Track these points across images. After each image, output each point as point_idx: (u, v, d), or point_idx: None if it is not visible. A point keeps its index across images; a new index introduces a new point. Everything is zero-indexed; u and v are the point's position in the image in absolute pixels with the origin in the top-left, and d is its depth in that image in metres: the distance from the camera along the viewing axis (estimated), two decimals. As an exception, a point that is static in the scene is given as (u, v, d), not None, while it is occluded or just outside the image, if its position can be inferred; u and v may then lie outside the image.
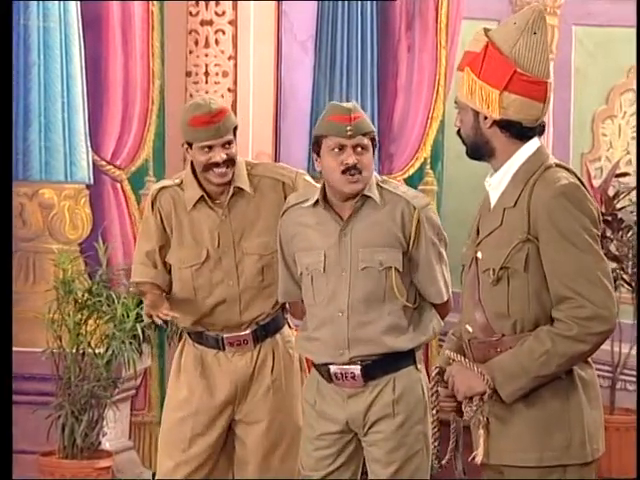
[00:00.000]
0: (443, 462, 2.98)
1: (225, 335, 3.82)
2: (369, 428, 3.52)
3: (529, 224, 2.85)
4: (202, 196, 3.80)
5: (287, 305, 3.91)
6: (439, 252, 3.51)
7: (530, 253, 2.85)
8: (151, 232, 3.86)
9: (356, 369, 3.48)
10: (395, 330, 3.48)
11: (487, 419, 2.88)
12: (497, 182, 2.94)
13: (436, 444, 2.99)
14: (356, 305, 3.47)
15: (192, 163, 3.83)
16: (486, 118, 2.89)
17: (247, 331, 3.82)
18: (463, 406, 2.91)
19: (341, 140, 3.45)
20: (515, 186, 2.91)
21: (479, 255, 2.92)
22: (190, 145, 3.77)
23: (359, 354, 3.47)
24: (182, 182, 3.85)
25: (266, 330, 3.85)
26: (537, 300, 2.87)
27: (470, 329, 2.94)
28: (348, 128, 3.44)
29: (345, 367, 3.48)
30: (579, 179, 2.93)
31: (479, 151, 2.94)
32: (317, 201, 3.52)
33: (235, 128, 3.80)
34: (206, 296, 3.81)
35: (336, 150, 3.46)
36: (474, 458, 2.90)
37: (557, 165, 2.93)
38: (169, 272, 3.87)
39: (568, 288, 2.81)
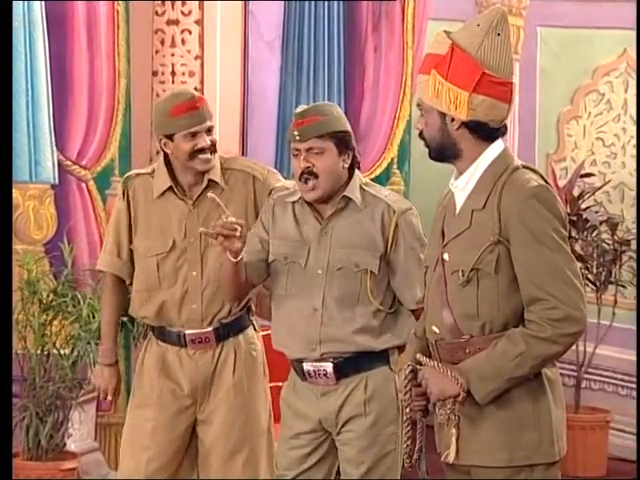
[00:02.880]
0: (413, 461, 2.99)
1: (187, 331, 3.81)
2: (341, 427, 3.52)
3: (500, 226, 2.86)
4: (170, 186, 3.80)
5: (253, 306, 3.91)
6: (418, 257, 3.47)
7: (501, 255, 2.87)
8: (121, 219, 3.86)
9: (328, 366, 3.48)
10: (367, 332, 3.48)
11: (459, 418, 2.89)
12: (464, 184, 2.94)
13: (408, 442, 2.99)
14: (330, 304, 3.47)
15: (165, 155, 3.82)
16: (453, 120, 2.89)
17: (209, 328, 3.81)
18: (437, 408, 2.92)
19: (295, 145, 3.46)
20: (483, 188, 2.92)
21: (446, 257, 2.93)
22: (170, 137, 3.76)
23: (330, 350, 3.47)
24: (153, 171, 3.86)
25: (229, 329, 3.84)
26: (506, 301, 2.88)
27: (437, 330, 2.94)
28: (296, 132, 3.44)
29: (317, 364, 3.49)
30: (545, 180, 2.96)
31: (445, 153, 2.94)
32: (300, 199, 3.53)
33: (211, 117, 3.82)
34: (170, 285, 3.80)
35: (294, 155, 3.47)
36: (446, 456, 2.91)
37: (524, 167, 2.95)
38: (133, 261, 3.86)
39: (540, 289, 2.83)
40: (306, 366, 3.51)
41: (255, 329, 3.93)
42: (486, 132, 2.91)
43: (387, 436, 3.51)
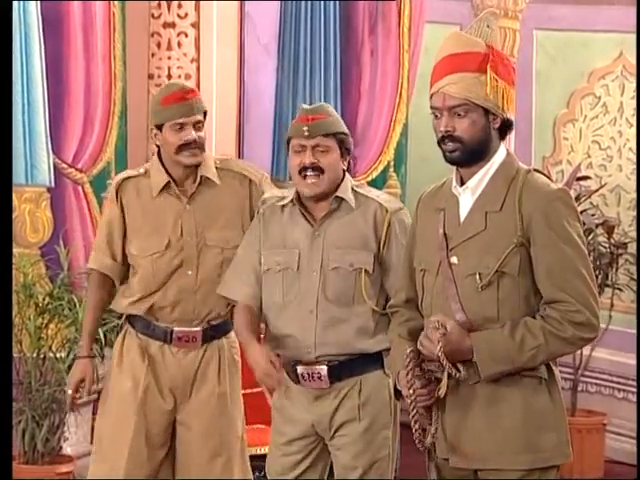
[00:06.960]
0: (428, 443, 2.94)
1: (175, 328, 3.79)
2: (335, 432, 3.52)
3: (523, 228, 2.86)
4: (168, 182, 3.78)
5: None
6: None
7: (522, 257, 2.87)
8: (114, 224, 3.84)
9: (322, 369, 3.47)
10: (362, 333, 3.48)
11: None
12: (475, 185, 2.94)
13: (416, 427, 2.91)
14: (325, 305, 3.47)
15: (159, 152, 3.81)
16: (495, 118, 2.90)
17: (198, 328, 3.79)
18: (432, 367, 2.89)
19: (301, 141, 3.47)
20: (496, 190, 2.91)
21: (454, 260, 2.92)
22: (160, 128, 3.73)
23: (325, 353, 3.47)
24: (147, 172, 3.84)
25: (215, 331, 3.82)
26: (526, 303, 2.89)
27: None
28: (305, 128, 3.46)
29: (312, 367, 3.48)
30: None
31: (479, 154, 2.92)
32: (292, 200, 3.54)
33: (205, 113, 3.79)
34: (164, 283, 3.77)
35: (297, 151, 3.48)
36: (438, 390, 2.86)
37: (534, 170, 2.96)
38: (126, 263, 3.84)
39: (563, 291, 2.84)
40: (300, 369, 3.50)
41: None
42: (507, 130, 2.93)
43: (381, 441, 3.51)
